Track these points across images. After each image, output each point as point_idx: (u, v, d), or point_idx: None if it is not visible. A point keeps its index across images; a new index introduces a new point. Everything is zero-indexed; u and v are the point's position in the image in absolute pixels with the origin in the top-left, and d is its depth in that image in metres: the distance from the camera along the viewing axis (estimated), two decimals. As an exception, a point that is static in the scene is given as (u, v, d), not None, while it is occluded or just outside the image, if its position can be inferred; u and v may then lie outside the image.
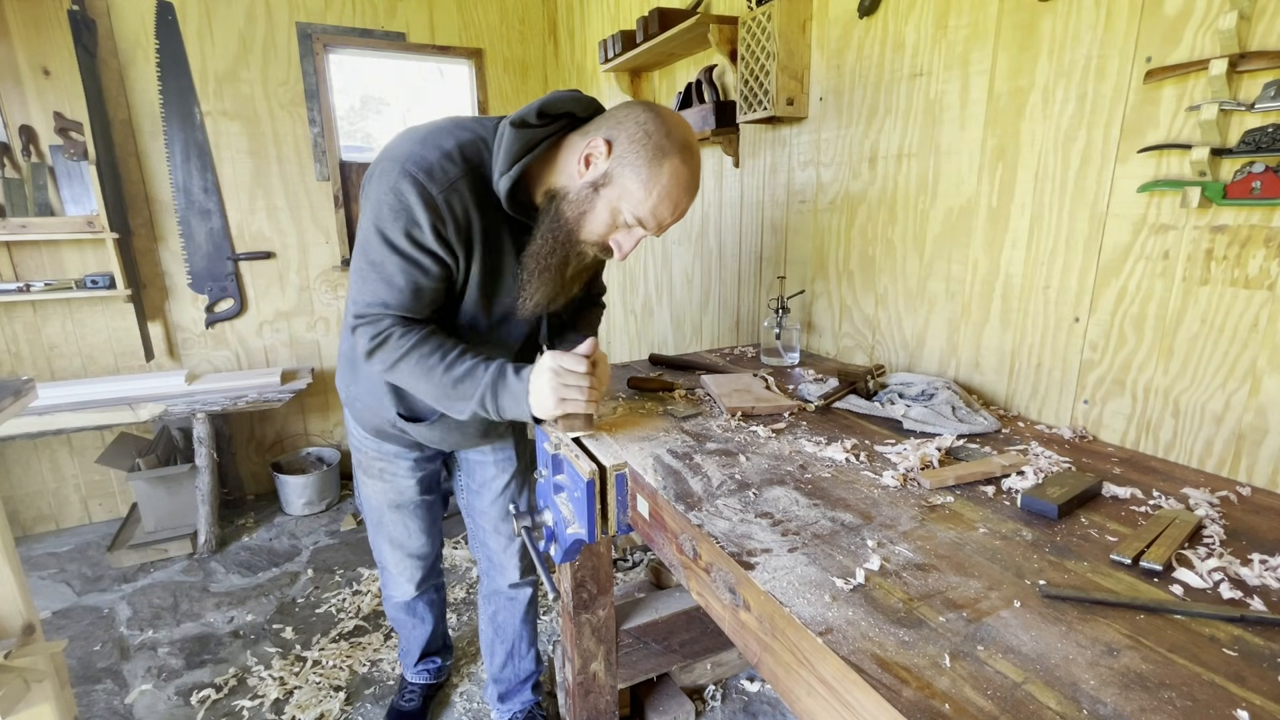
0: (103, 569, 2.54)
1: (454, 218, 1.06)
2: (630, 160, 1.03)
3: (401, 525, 1.51)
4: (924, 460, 1.03)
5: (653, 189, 1.04)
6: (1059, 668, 0.60)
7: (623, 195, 1.05)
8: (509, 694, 1.73)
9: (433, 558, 1.61)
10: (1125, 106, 1.10)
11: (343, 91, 3.16)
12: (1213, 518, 0.87)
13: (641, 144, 1.03)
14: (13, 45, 2.40)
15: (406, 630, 1.74)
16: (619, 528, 1.09)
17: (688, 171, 1.05)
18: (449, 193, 1.05)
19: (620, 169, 1.04)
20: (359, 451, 1.45)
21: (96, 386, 2.58)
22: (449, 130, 1.09)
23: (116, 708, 1.85)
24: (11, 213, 2.44)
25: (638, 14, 2.52)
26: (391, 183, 1.03)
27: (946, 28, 1.38)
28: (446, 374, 1.08)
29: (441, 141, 1.07)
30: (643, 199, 1.05)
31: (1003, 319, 1.36)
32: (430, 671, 1.81)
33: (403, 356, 1.08)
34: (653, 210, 1.06)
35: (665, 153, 1.03)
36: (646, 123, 1.04)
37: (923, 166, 1.48)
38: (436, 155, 1.05)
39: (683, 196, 1.07)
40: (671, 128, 1.05)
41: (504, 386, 1.08)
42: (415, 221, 1.04)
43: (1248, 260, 0.98)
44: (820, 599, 0.70)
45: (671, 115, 1.07)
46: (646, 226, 1.08)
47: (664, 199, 1.05)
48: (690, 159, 1.06)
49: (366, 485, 1.48)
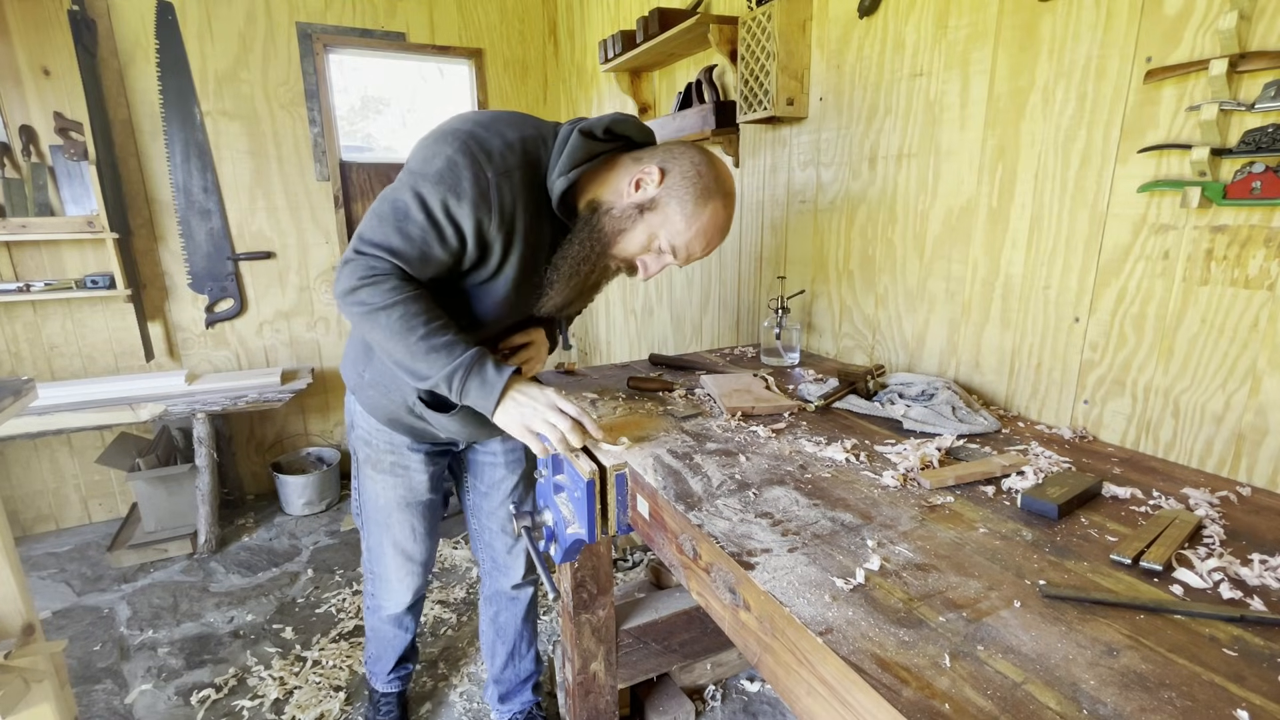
0: (103, 569, 2.54)
1: (500, 207, 1.06)
2: (679, 193, 1.10)
3: (409, 527, 1.46)
4: (924, 460, 1.03)
5: (694, 224, 1.11)
6: (1059, 668, 0.60)
7: (665, 222, 1.11)
8: (509, 695, 1.73)
9: (430, 564, 1.59)
10: (1125, 106, 1.10)
11: (343, 91, 3.16)
12: (1213, 518, 0.87)
13: (693, 181, 1.10)
14: (13, 45, 2.40)
15: (387, 640, 1.68)
16: (619, 528, 1.09)
17: (725, 215, 1.14)
18: (502, 179, 1.05)
19: (668, 198, 1.10)
20: (368, 445, 1.38)
21: (96, 386, 2.58)
22: (514, 122, 1.11)
23: (116, 708, 1.85)
24: (11, 213, 2.44)
25: (638, 14, 2.52)
26: (450, 152, 1.03)
27: (946, 28, 1.38)
28: (424, 340, 1.05)
29: (505, 130, 1.08)
30: (682, 230, 1.11)
31: (1003, 319, 1.36)
32: (401, 679, 1.76)
33: (388, 306, 1.05)
34: (688, 243, 1.13)
35: (711, 194, 1.10)
36: (700, 164, 1.11)
37: (923, 167, 1.48)
38: (499, 142, 1.06)
39: (715, 236, 1.14)
40: (720, 174, 1.13)
41: (479, 373, 1.06)
42: (458, 195, 1.03)
43: (1248, 260, 0.98)
44: (820, 599, 0.70)
45: (721, 164, 1.15)
46: (676, 256, 1.15)
47: (700, 235, 1.12)
48: (730, 206, 1.14)
49: (376, 482, 1.41)
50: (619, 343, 3.25)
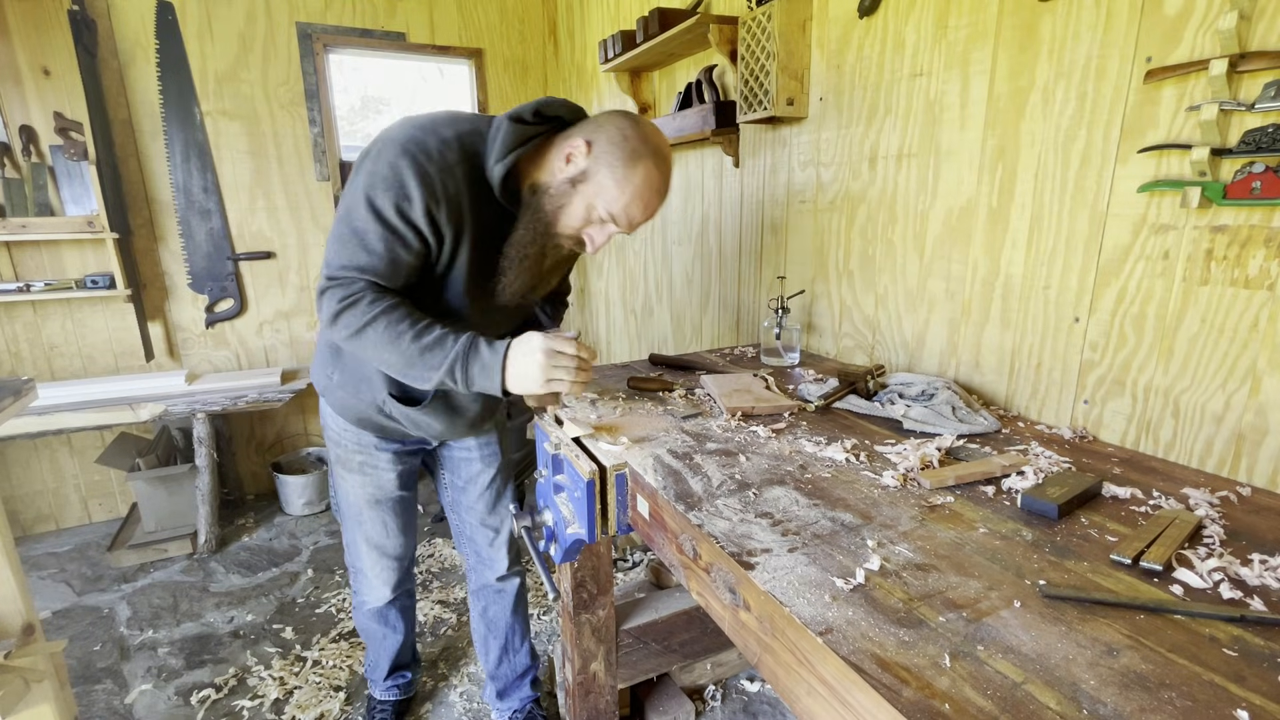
0: (103, 569, 2.54)
1: (447, 198, 1.10)
2: (607, 160, 1.10)
3: (380, 523, 1.50)
4: (924, 460, 1.03)
5: (626, 188, 1.10)
6: (1059, 668, 0.60)
7: (599, 192, 1.11)
8: (507, 690, 1.72)
9: (408, 560, 1.60)
10: (1125, 106, 1.10)
11: (343, 91, 3.16)
12: (1213, 518, 0.87)
13: (619, 146, 1.10)
14: (13, 45, 2.40)
15: (377, 641, 1.68)
16: (619, 528, 1.09)
17: (659, 175, 1.12)
18: (445, 174, 1.09)
19: (597, 167, 1.10)
20: (337, 445, 1.43)
21: (96, 386, 2.58)
22: (448, 120, 1.14)
23: (116, 708, 1.85)
24: (11, 213, 2.44)
25: (638, 14, 2.52)
26: (390, 159, 1.07)
27: (946, 28, 1.38)
28: (415, 342, 1.08)
29: (441, 129, 1.12)
30: (616, 196, 1.11)
31: (1003, 319, 1.36)
32: (400, 687, 1.76)
33: (371, 321, 1.08)
34: (625, 208, 1.12)
35: (640, 156, 1.10)
36: (625, 128, 1.11)
37: (923, 167, 1.48)
38: (436, 140, 1.10)
39: (653, 198, 1.13)
40: (647, 135, 1.12)
41: (475, 357, 1.09)
42: (407, 195, 1.07)
43: (1248, 260, 0.98)
44: (820, 599, 0.70)
45: (647, 124, 1.15)
46: (619, 223, 1.14)
47: (636, 198, 1.12)
48: (662, 164, 1.13)
49: (346, 480, 1.46)
50: (619, 343, 3.25)
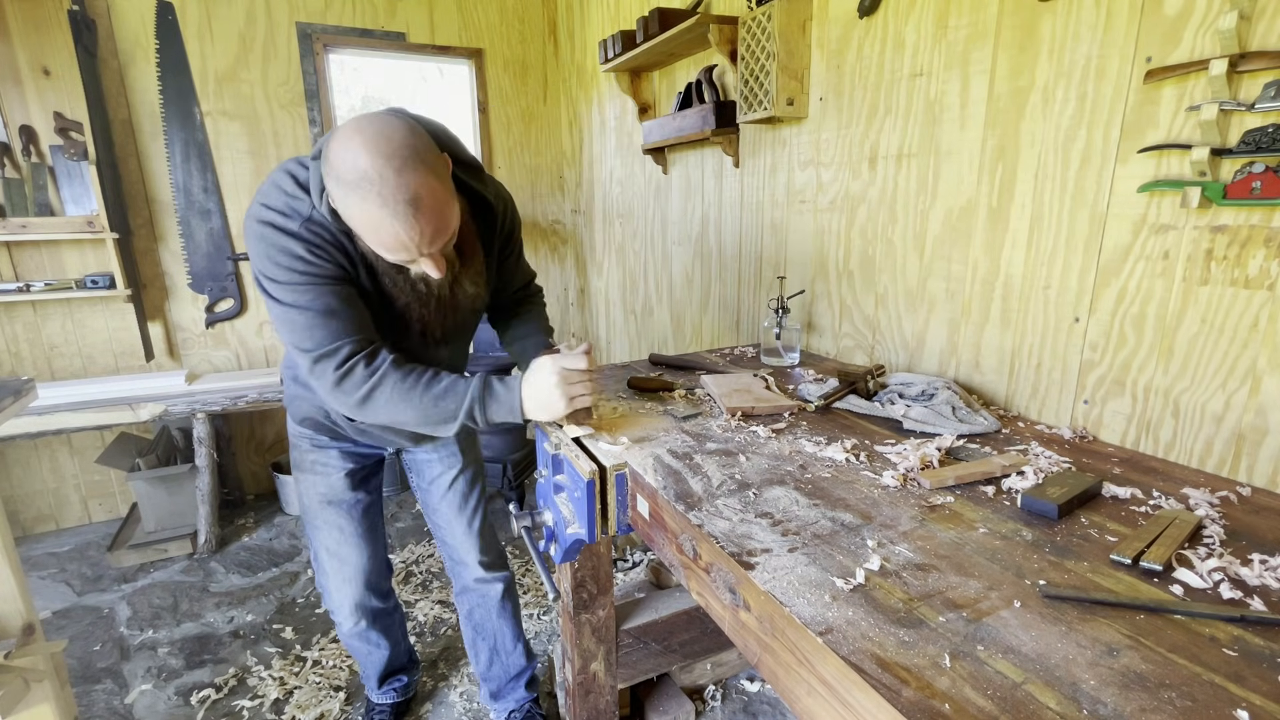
0: (103, 569, 2.53)
1: (324, 241, 1.08)
2: (347, 220, 1.02)
3: (336, 528, 1.45)
4: (924, 460, 1.03)
5: (365, 238, 1.02)
6: (1059, 668, 0.60)
7: (369, 246, 1.05)
8: (501, 692, 1.70)
9: (371, 574, 1.52)
10: (1125, 106, 1.10)
11: (343, 91, 3.16)
12: (1213, 518, 0.87)
13: (335, 198, 1.00)
14: (13, 45, 2.40)
15: (363, 657, 1.66)
16: (619, 528, 1.09)
17: (373, 208, 0.96)
18: (306, 224, 1.07)
19: (352, 231, 1.05)
20: (295, 449, 1.44)
21: (96, 386, 2.58)
22: (283, 173, 1.10)
23: (116, 708, 1.85)
24: (11, 213, 2.44)
25: (638, 14, 2.52)
26: (257, 238, 1.06)
27: (946, 28, 1.38)
28: (426, 393, 1.09)
29: (278, 183, 1.09)
30: (376, 246, 1.03)
31: (1003, 319, 1.36)
32: (396, 690, 1.75)
33: (376, 386, 1.08)
34: (388, 253, 1.02)
35: (345, 202, 0.98)
36: (324, 170, 1.00)
37: (923, 167, 1.48)
38: (278, 198, 1.07)
39: (394, 227, 0.97)
40: (341, 173, 0.96)
41: (492, 397, 1.11)
42: (292, 254, 1.05)
43: (1248, 260, 0.98)
44: (820, 599, 0.70)
45: (339, 155, 0.96)
46: (409, 261, 1.05)
47: (379, 242, 1.00)
48: (368, 194, 0.95)
49: (301, 482, 1.45)
50: (619, 343, 3.25)
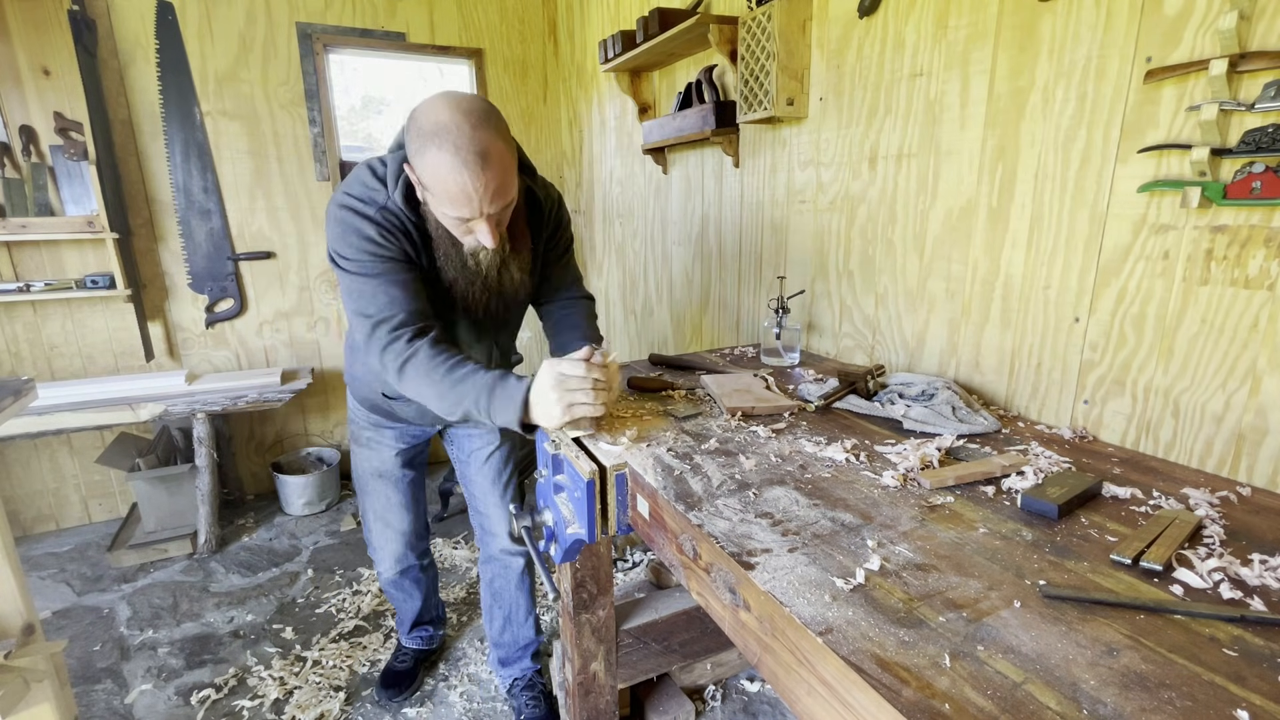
0: (103, 569, 2.53)
1: (396, 228, 1.20)
2: (417, 174, 1.12)
3: (384, 496, 1.65)
4: (924, 460, 1.03)
5: (435, 189, 1.10)
6: (1059, 668, 0.60)
7: (433, 204, 1.15)
8: (509, 659, 1.82)
9: (411, 536, 1.73)
10: (1125, 106, 1.10)
11: (343, 91, 3.16)
12: (1213, 518, 0.87)
13: (412, 155, 1.11)
14: (13, 45, 2.40)
15: (398, 603, 1.89)
16: (619, 528, 1.09)
17: (447, 155, 1.05)
18: (382, 212, 1.19)
19: (419, 184, 1.14)
20: (353, 424, 1.62)
21: (96, 386, 2.58)
22: (364, 166, 1.24)
23: (116, 708, 1.85)
24: (11, 213, 2.44)
25: (638, 14, 2.52)
26: (336, 220, 1.20)
27: (946, 28, 1.38)
28: (447, 376, 1.16)
29: (359, 177, 1.23)
30: (439, 200, 1.12)
31: (1003, 319, 1.36)
32: (423, 639, 1.96)
33: (410, 358, 1.17)
34: (452, 205, 1.10)
35: (422, 152, 1.08)
36: (408, 130, 1.12)
37: (923, 166, 1.48)
38: (359, 188, 1.21)
39: (461, 177, 1.06)
40: (422, 124, 1.08)
41: (501, 389, 1.14)
42: (365, 236, 1.18)
43: (1248, 260, 0.98)
44: (820, 599, 0.70)
45: (424, 111, 1.09)
46: (470, 217, 1.13)
47: (446, 192, 1.09)
48: (444, 143, 1.05)
49: (357, 454, 1.64)
50: (619, 343, 3.25)
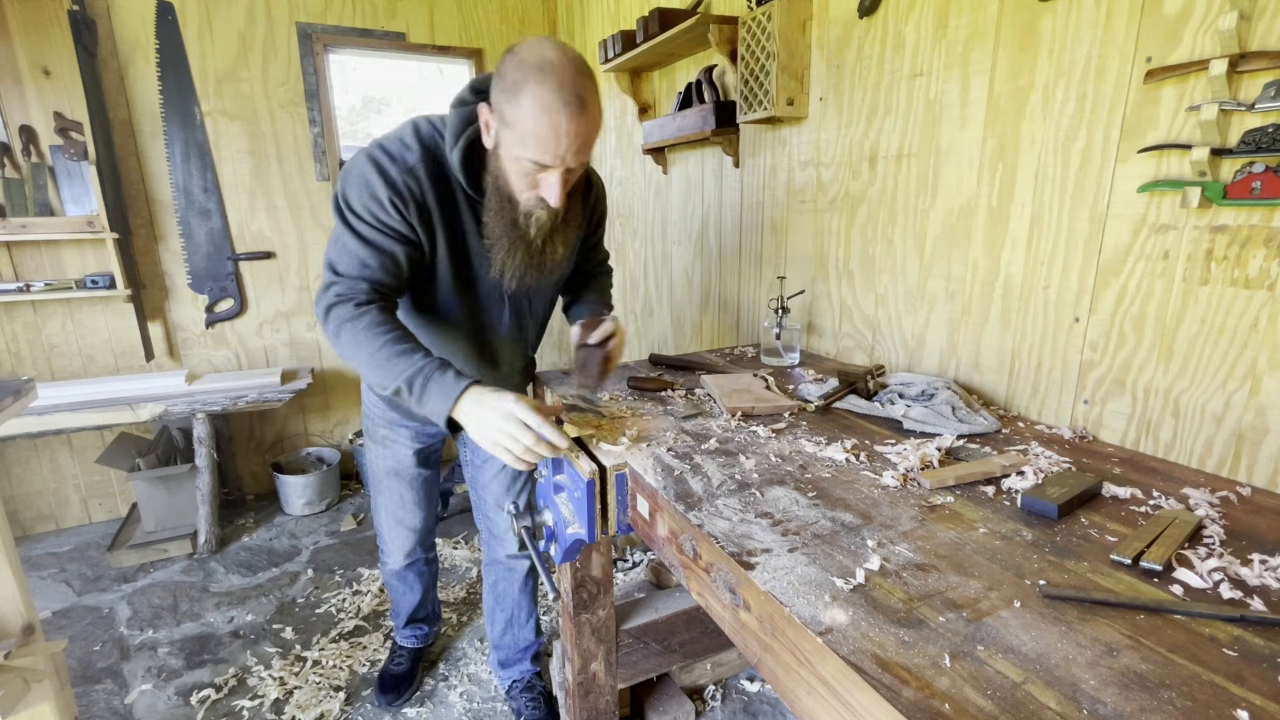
0: (103, 569, 2.53)
1: (412, 196, 1.15)
2: (502, 111, 1.05)
3: (397, 494, 1.63)
4: (924, 460, 1.03)
5: (521, 127, 1.03)
6: (1059, 668, 0.60)
7: (515, 140, 1.05)
8: (509, 661, 1.82)
9: (423, 532, 1.72)
10: (1125, 106, 1.10)
11: (343, 91, 3.16)
12: (1213, 518, 0.87)
13: (503, 91, 1.04)
14: (13, 45, 2.40)
15: (398, 595, 1.87)
16: (619, 528, 1.09)
17: (549, 91, 1.00)
18: (406, 175, 1.15)
19: (501, 124, 1.07)
20: (368, 419, 1.58)
21: (96, 386, 2.58)
22: (409, 123, 1.21)
23: (116, 708, 1.85)
24: (11, 213, 2.44)
25: (638, 14, 2.52)
26: (358, 166, 1.15)
27: (946, 28, 1.38)
28: (382, 350, 1.09)
29: (400, 132, 1.19)
30: (522, 140, 1.04)
31: (1003, 319, 1.36)
32: (418, 636, 1.94)
33: (351, 321, 1.10)
34: (537, 146, 1.04)
35: (520, 86, 1.01)
36: (505, 65, 1.04)
37: (923, 166, 1.48)
38: (395, 143, 1.17)
39: (558, 117, 1.01)
40: (525, 57, 1.02)
41: (439, 378, 1.06)
42: (375, 197, 1.13)
43: (1248, 260, 0.98)
44: (820, 599, 0.70)
45: (529, 46, 1.03)
46: (550, 164, 1.06)
47: (536, 130, 1.02)
48: (547, 78, 1.00)
49: (371, 450, 1.60)
50: (619, 343, 3.24)
